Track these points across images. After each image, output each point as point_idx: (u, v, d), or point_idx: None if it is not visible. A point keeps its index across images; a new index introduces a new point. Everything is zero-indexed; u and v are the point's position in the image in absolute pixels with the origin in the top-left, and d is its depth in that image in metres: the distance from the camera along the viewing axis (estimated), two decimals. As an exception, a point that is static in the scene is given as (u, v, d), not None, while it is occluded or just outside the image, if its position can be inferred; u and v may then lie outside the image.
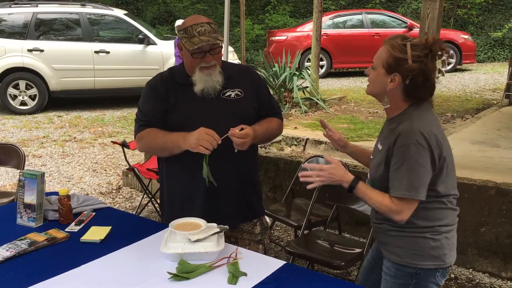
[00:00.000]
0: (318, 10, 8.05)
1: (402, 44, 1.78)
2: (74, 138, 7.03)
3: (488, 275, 3.34)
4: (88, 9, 8.99)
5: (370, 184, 1.91)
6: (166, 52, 8.77)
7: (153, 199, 4.14)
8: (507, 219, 3.24)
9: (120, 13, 9.34)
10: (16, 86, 8.46)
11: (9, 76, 8.39)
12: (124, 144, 4.20)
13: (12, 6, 8.72)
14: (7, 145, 3.47)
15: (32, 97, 8.57)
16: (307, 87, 7.89)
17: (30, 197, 2.27)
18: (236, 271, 1.78)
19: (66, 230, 2.20)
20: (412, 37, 1.83)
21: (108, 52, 8.68)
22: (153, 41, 8.94)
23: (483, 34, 16.07)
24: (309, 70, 8.24)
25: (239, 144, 2.03)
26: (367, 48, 11.20)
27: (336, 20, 12.37)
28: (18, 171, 2.82)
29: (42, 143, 6.74)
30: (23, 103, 8.56)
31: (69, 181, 5.29)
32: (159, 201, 3.45)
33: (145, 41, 8.88)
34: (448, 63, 12.15)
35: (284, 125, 2.45)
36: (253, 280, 1.75)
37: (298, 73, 7.67)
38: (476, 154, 4.86)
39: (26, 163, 3.51)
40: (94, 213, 2.41)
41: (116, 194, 4.95)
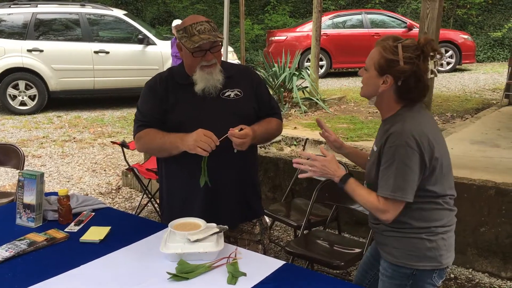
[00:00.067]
0: (318, 10, 8.05)
1: (394, 46, 1.77)
2: (74, 138, 7.03)
3: (488, 275, 3.34)
4: (88, 9, 8.99)
5: (367, 187, 1.91)
6: (166, 52, 8.78)
7: (152, 199, 4.14)
8: (506, 219, 3.24)
9: (119, 13, 9.34)
10: (15, 87, 8.46)
11: (9, 76, 8.40)
12: (123, 144, 4.20)
13: (11, 6, 8.72)
14: (6, 145, 3.46)
15: (32, 97, 8.57)
16: (307, 87, 7.88)
17: (29, 197, 2.27)
18: (235, 271, 1.78)
19: (66, 230, 2.20)
20: (404, 38, 1.82)
21: (107, 52, 8.68)
22: (153, 41, 8.95)
23: (483, 34, 16.07)
24: (309, 70, 8.24)
25: (239, 144, 2.03)
26: (366, 48, 11.04)
27: (335, 20, 12.38)
28: (18, 171, 2.81)
29: (42, 143, 6.74)
30: (22, 103, 8.57)
31: (68, 181, 5.29)
32: (158, 201, 3.45)
33: (145, 41, 8.89)
34: (448, 63, 12.17)
35: (283, 125, 2.45)
36: (253, 280, 1.75)
37: (297, 73, 7.66)
38: (475, 154, 4.85)
39: (26, 163, 3.50)
40: (93, 213, 2.41)
41: (116, 194, 4.95)
